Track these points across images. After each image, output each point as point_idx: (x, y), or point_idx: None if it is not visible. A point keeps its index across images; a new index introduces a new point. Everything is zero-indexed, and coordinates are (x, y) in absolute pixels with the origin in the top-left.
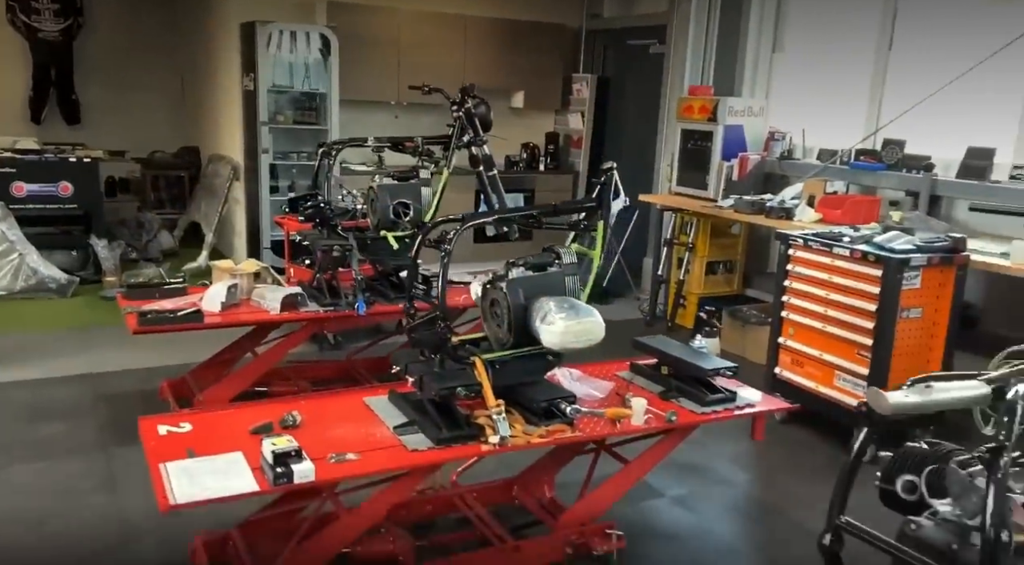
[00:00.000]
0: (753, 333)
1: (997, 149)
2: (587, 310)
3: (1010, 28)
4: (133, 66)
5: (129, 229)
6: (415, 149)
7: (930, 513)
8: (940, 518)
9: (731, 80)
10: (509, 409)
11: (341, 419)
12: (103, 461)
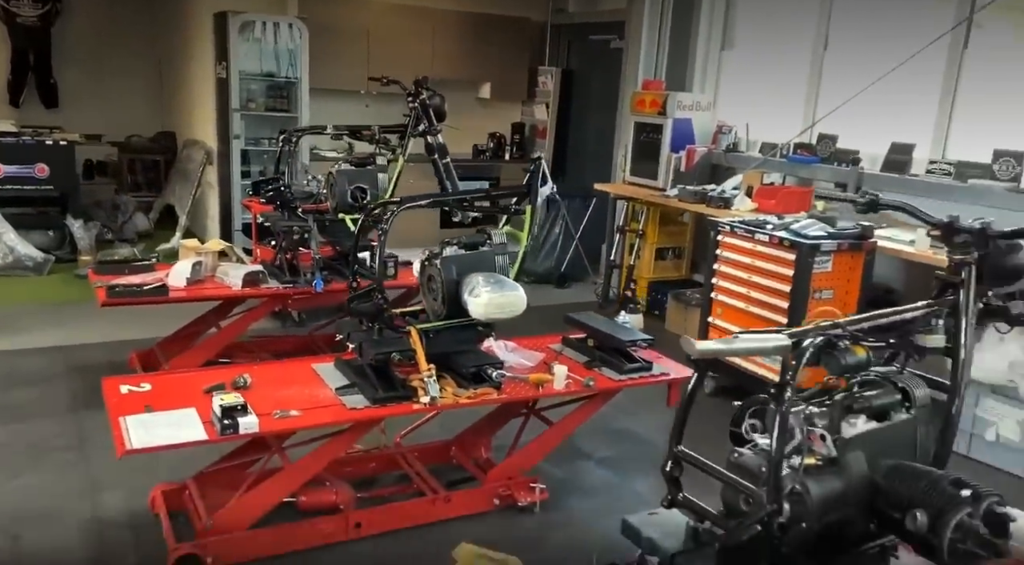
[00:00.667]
0: (693, 314)
1: (916, 145)
2: (512, 285)
3: (930, 31)
4: (111, 52)
5: (105, 211)
6: (372, 137)
7: (752, 445)
8: (759, 449)
9: (682, 76)
10: (442, 374)
11: (289, 382)
12: (73, 423)
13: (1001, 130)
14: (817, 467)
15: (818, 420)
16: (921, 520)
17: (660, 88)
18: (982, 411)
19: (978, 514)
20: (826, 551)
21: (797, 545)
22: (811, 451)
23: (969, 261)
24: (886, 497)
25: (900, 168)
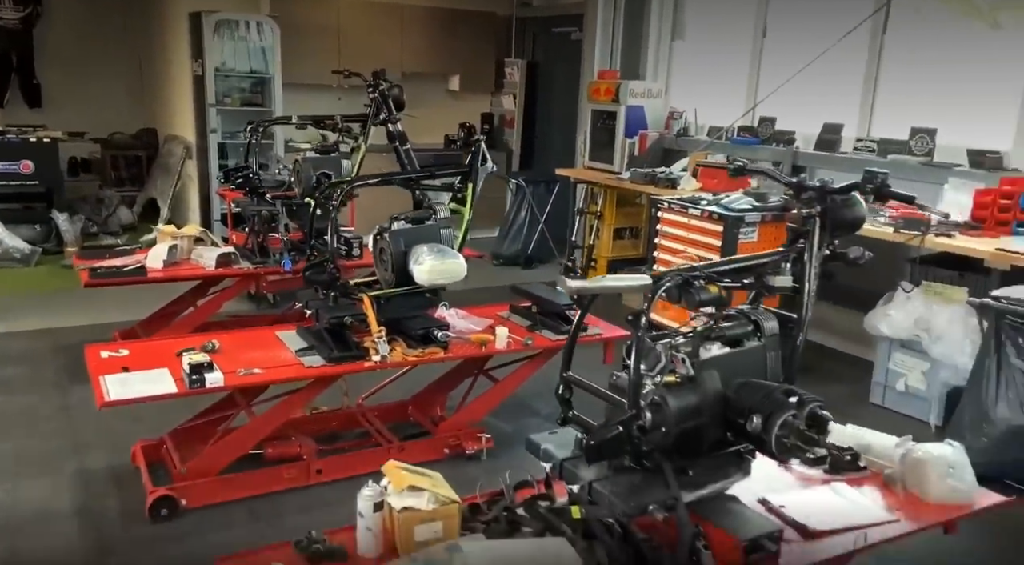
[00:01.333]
0: None
1: (845, 125)
2: (452, 254)
3: (855, 18)
4: (92, 52)
5: (90, 205)
6: (335, 126)
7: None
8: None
9: (636, 65)
10: (394, 337)
11: (254, 347)
12: (59, 395)
13: (918, 109)
14: (677, 384)
15: (682, 347)
16: (756, 422)
17: (615, 77)
18: (893, 364)
19: (801, 416)
20: (686, 453)
21: (658, 446)
22: (673, 371)
23: (814, 214)
24: (733, 407)
25: (831, 146)
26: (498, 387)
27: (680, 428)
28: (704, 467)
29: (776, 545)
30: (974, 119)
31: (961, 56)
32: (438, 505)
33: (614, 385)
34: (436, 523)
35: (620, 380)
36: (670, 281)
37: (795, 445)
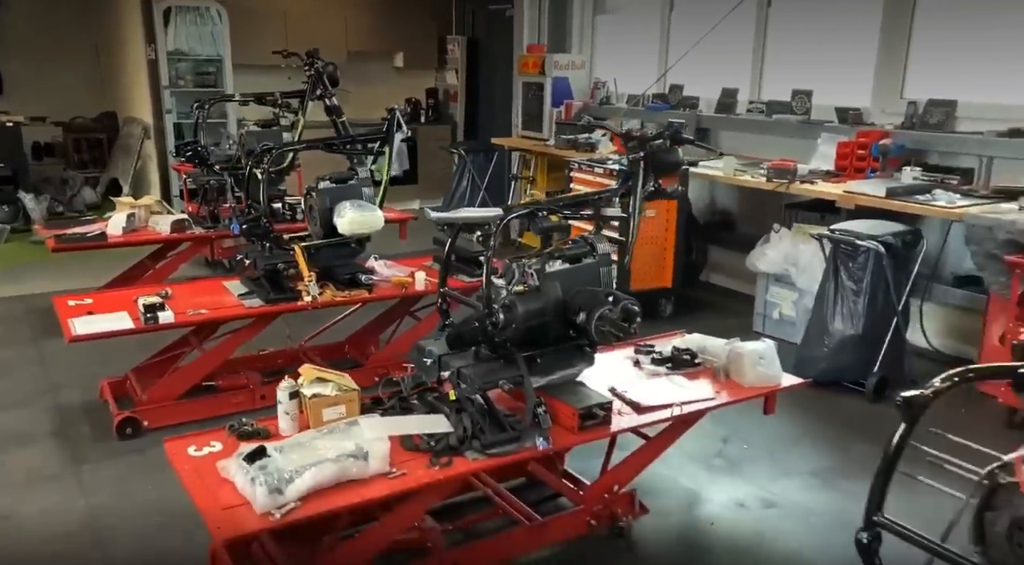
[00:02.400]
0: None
1: (740, 89)
2: (371, 208)
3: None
4: (51, 40)
5: (54, 186)
6: (275, 102)
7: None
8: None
9: (563, 39)
10: (324, 282)
11: (202, 294)
12: (34, 350)
13: (798, 73)
14: (525, 292)
15: (531, 264)
16: (582, 317)
17: (541, 51)
18: (770, 297)
19: (616, 310)
20: (534, 345)
21: (511, 338)
22: (523, 282)
23: (639, 158)
24: (570, 308)
25: (728, 109)
26: (421, 325)
27: (526, 325)
28: (551, 357)
29: (606, 413)
30: (842, 80)
31: (831, 24)
32: (340, 392)
33: (479, 296)
34: (340, 406)
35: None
36: (517, 213)
37: (610, 332)
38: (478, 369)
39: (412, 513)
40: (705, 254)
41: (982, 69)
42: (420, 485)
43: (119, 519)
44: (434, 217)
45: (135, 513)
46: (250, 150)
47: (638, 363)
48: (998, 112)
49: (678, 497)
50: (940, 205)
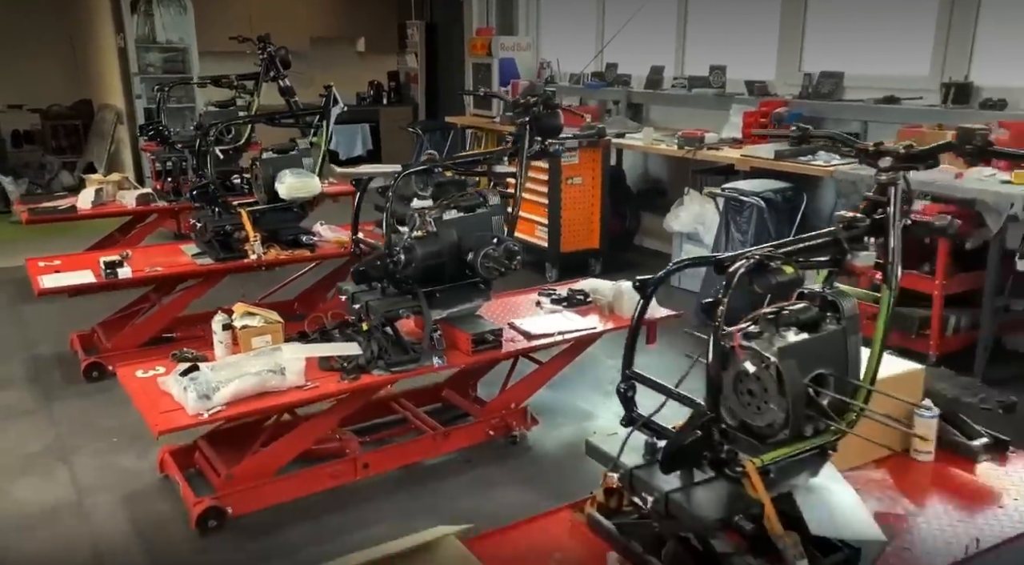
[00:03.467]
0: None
1: (666, 66)
2: (308, 175)
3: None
4: (26, 31)
5: (33, 170)
6: (230, 84)
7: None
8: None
9: (510, 22)
10: (271, 243)
11: (160, 256)
12: (11, 313)
13: (715, 50)
14: (423, 237)
15: (431, 213)
16: (471, 256)
17: (489, 34)
18: (684, 253)
19: (499, 250)
20: (434, 282)
21: (412, 276)
22: (423, 228)
23: (524, 122)
24: (463, 250)
25: (656, 85)
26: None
27: (425, 264)
28: (449, 293)
29: (497, 339)
30: (752, 56)
31: (743, 4)
32: (267, 324)
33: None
34: (267, 336)
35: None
36: (413, 169)
37: (494, 268)
38: (383, 302)
39: (327, 422)
40: (638, 219)
41: (865, 44)
42: (329, 394)
43: (83, 440)
44: (339, 172)
45: (97, 436)
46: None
47: (539, 303)
48: (877, 82)
49: (572, 415)
50: (818, 164)
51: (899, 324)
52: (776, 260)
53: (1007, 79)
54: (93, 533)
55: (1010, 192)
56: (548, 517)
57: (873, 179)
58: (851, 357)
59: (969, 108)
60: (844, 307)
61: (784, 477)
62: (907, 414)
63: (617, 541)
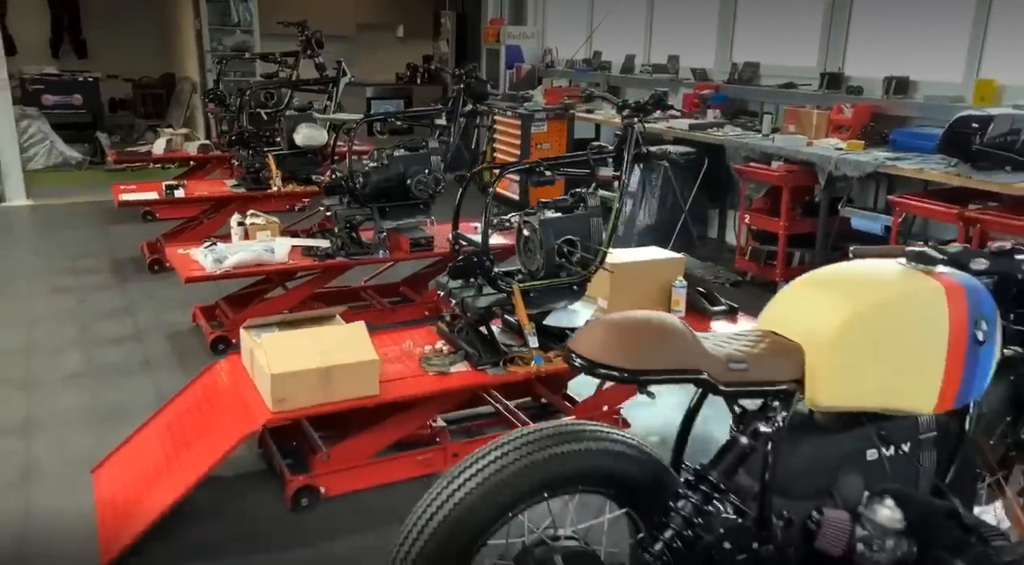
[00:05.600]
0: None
1: (636, 55)
2: (319, 128)
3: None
4: (126, 14)
5: (124, 130)
6: (275, 59)
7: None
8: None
9: (520, 13)
10: (292, 180)
11: (207, 186)
12: (104, 231)
13: (673, 41)
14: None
15: (388, 154)
16: (409, 181)
17: (500, 23)
18: (626, 208)
19: (429, 178)
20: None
21: (368, 194)
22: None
23: (460, 87)
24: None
25: (629, 70)
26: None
27: (377, 186)
28: (397, 210)
29: (429, 244)
30: (699, 46)
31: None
32: (268, 223)
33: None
34: (267, 230)
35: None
36: (368, 118)
37: (424, 190)
38: (346, 210)
39: (427, 413)
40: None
41: (776, 38)
42: (302, 266)
43: (144, 305)
44: (321, 117)
45: (154, 302)
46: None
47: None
48: (782, 71)
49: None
50: (718, 135)
51: (754, 256)
52: (542, 167)
53: (867, 71)
54: (146, 352)
55: (835, 156)
56: (420, 329)
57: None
58: (592, 232)
59: (838, 92)
60: (589, 202)
61: (543, 299)
62: (668, 285)
63: (446, 334)
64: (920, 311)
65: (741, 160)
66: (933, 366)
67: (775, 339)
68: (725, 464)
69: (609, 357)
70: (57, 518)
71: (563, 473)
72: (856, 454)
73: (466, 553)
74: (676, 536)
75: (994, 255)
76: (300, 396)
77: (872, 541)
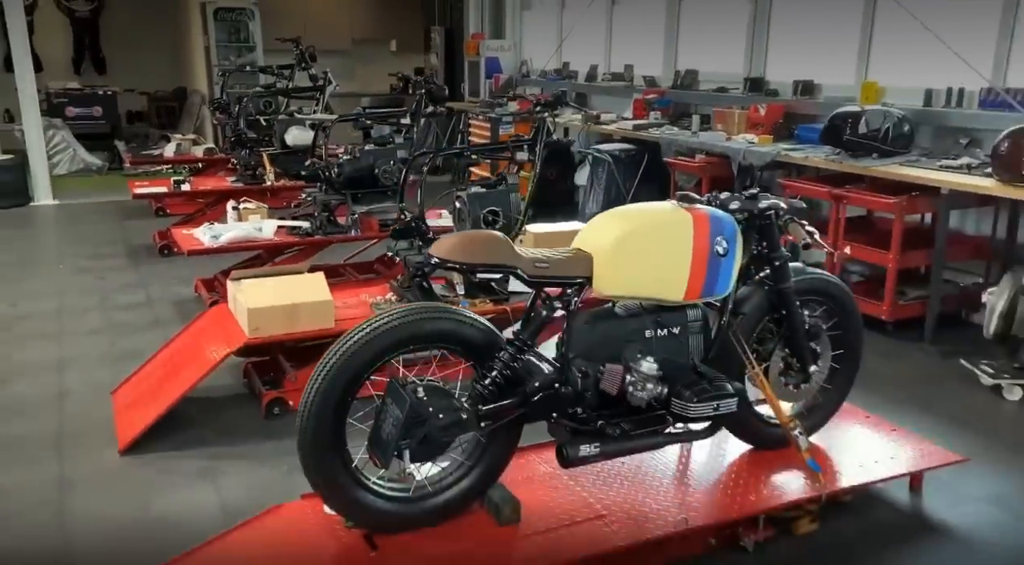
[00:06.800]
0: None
1: (598, 65)
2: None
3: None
4: (142, 33)
5: (139, 139)
6: (272, 71)
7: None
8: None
9: (500, 28)
10: (284, 176)
11: (210, 181)
12: (121, 225)
13: (629, 51)
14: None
15: (361, 148)
16: (378, 171)
17: (481, 38)
18: (585, 193)
19: (392, 168)
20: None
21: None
22: (351, 154)
23: (422, 92)
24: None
25: (592, 79)
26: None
27: (349, 176)
28: (368, 196)
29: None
30: (650, 56)
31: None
32: (258, 208)
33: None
34: (258, 214)
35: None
36: (343, 117)
37: (387, 177)
38: (324, 196)
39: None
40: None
41: (713, 47)
42: (287, 243)
43: (155, 281)
44: (306, 119)
45: (163, 280)
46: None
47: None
48: (716, 77)
49: None
50: (656, 133)
51: None
52: (468, 152)
53: (784, 76)
54: (155, 314)
55: (744, 148)
56: (378, 285)
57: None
58: (512, 204)
59: (759, 95)
60: (508, 180)
61: None
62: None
63: (395, 288)
64: (671, 231)
65: (672, 154)
66: (680, 269)
67: (577, 252)
68: (531, 330)
69: (454, 256)
70: (85, 422)
71: (422, 333)
72: (638, 332)
73: (355, 382)
74: (499, 374)
75: (745, 199)
76: (271, 326)
77: (637, 383)
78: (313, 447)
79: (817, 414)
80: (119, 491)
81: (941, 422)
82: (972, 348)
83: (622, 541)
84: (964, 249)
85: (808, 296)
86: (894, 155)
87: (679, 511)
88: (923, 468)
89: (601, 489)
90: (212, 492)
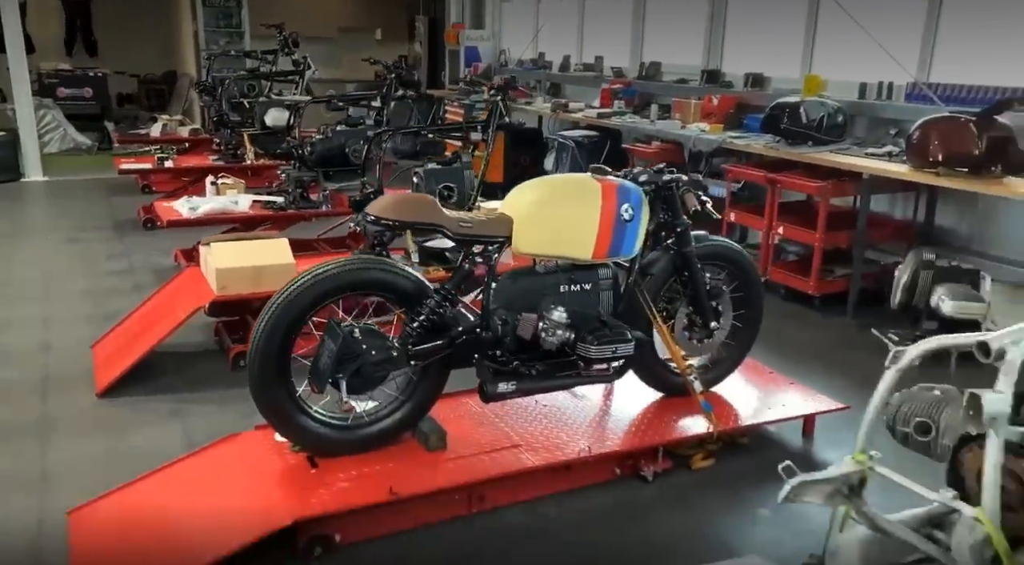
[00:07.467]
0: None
1: (571, 55)
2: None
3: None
4: (133, 17)
5: (129, 121)
6: (257, 56)
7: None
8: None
9: (480, 19)
10: (263, 154)
11: (194, 158)
12: (108, 201)
13: (599, 43)
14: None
15: (332, 128)
16: (347, 149)
17: (461, 28)
18: None
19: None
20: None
21: (314, 160)
22: (323, 133)
23: (391, 77)
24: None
25: (566, 69)
26: None
27: (320, 155)
28: (339, 174)
29: (366, 200)
30: (619, 47)
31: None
32: (235, 183)
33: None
34: (235, 189)
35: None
36: (315, 99)
37: (355, 157)
38: (297, 173)
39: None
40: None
41: (676, 39)
42: (263, 215)
43: (138, 251)
44: (283, 101)
45: (145, 250)
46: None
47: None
48: (677, 69)
49: None
50: (616, 121)
51: None
52: (425, 131)
53: (738, 68)
54: (136, 281)
55: (694, 136)
56: (341, 254)
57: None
58: (466, 181)
59: (716, 85)
60: (463, 158)
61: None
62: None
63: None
64: (582, 198)
65: (631, 141)
66: (589, 231)
67: (500, 215)
68: (456, 281)
69: (387, 214)
70: (68, 369)
71: (358, 281)
72: (553, 287)
73: (298, 322)
74: (427, 319)
75: (653, 173)
76: (237, 285)
77: (548, 329)
78: (261, 378)
79: (721, 366)
80: (96, 426)
81: (843, 382)
82: (887, 321)
83: (532, 464)
84: (888, 231)
85: (712, 261)
86: (828, 143)
87: (586, 443)
88: (807, 413)
89: (522, 425)
90: (179, 430)
